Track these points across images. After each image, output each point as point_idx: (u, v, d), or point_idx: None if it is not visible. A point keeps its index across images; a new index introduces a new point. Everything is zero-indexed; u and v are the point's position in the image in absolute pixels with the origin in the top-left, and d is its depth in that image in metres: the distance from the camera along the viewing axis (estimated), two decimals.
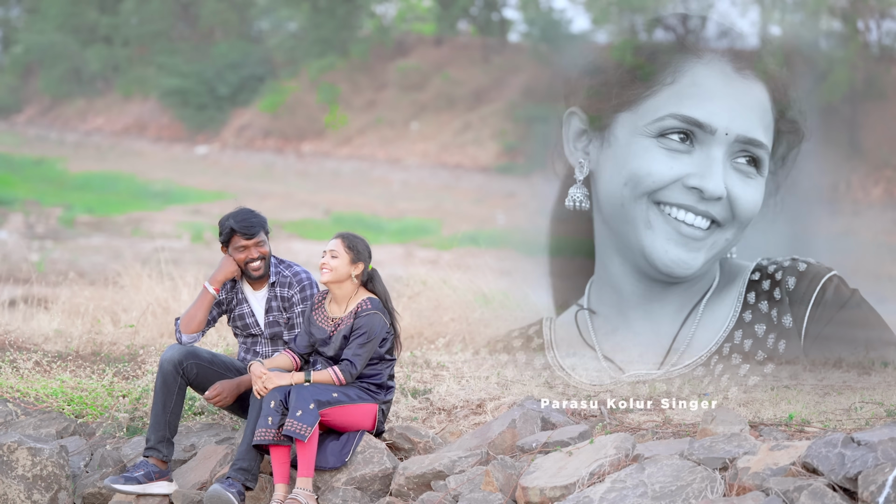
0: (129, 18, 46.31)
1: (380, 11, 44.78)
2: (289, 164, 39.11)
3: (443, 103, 38.74)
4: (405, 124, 38.99)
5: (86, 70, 46.52)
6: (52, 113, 47.28)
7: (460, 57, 40.37)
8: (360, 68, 41.26)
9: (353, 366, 5.99)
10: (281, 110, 41.13)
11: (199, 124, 42.55)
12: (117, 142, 43.43)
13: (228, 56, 42.87)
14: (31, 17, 48.61)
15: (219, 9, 44.63)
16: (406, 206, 31.29)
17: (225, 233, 6.30)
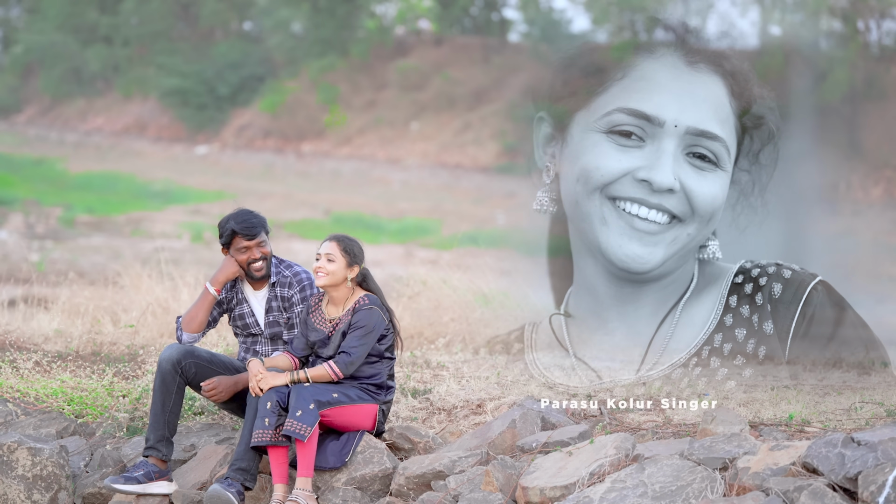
0: (129, 18, 46.31)
1: (380, 11, 44.77)
2: (289, 164, 39.11)
3: (443, 103, 38.73)
4: (405, 124, 38.99)
5: (86, 70, 46.52)
6: (52, 113, 47.28)
7: (460, 57, 40.37)
8: (360, 68, 41.25)
9: (348, 356, 5.96)
10: (281, 110, 41.13)
11: (199, 124, 42.55)
12: (117, 142, 43.43)
13: (228, 56, 42.87)
14: (31, 17, 48.61)
15: (219, 9, 44.63)
16: (406, 206, 31.29)
17: (226, 235, 6.30)
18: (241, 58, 42.87)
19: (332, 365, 5.97)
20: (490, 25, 42.03)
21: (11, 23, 51.57)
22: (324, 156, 39.21)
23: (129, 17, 46.34)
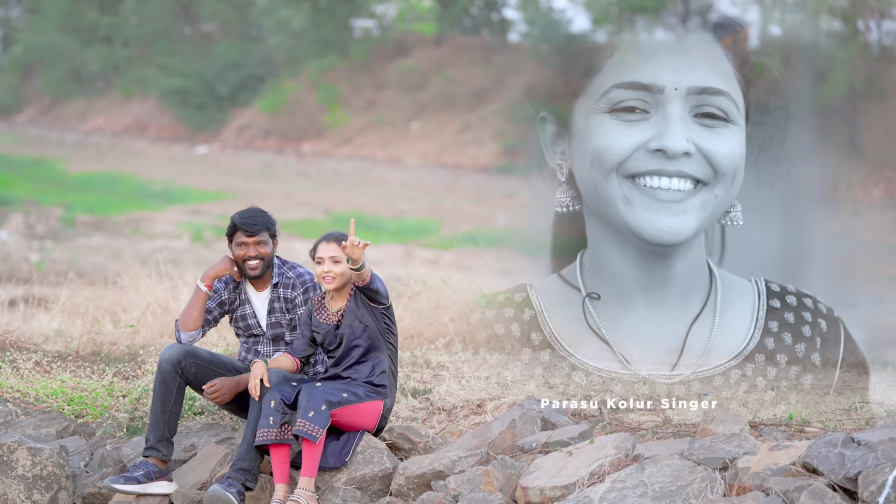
0: (129, 18, 46.33)
1: (380, 11, 44.79)
2: (289, 164, 39.12)
3: (443, 103, 38.75)
4: (405, 124, 38.99)
5: (86, 70, 46.53)
6: (52, 113, 47.30)
7: (460, 57, 40.38)
8: (360, 68, 41.27)
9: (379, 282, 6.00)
10: (281, 110, 41.15)
11: (199, 124, 42.56)
12: (117, 142, 43.44)
13: (228, 56, 42.88)
14: (31, 17, 48.62)
15: (219, 9, 44.64)
16: (406, 206, 31.29)
17: (229, 227, 6.33)
18: (241, 58, 42.89)
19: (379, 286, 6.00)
20: (490, 25, 42.05)
21: (11, 23, 51.60)
22: (324, 156, 39.23)
23: (129, 17, 46.36)
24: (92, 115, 46.11)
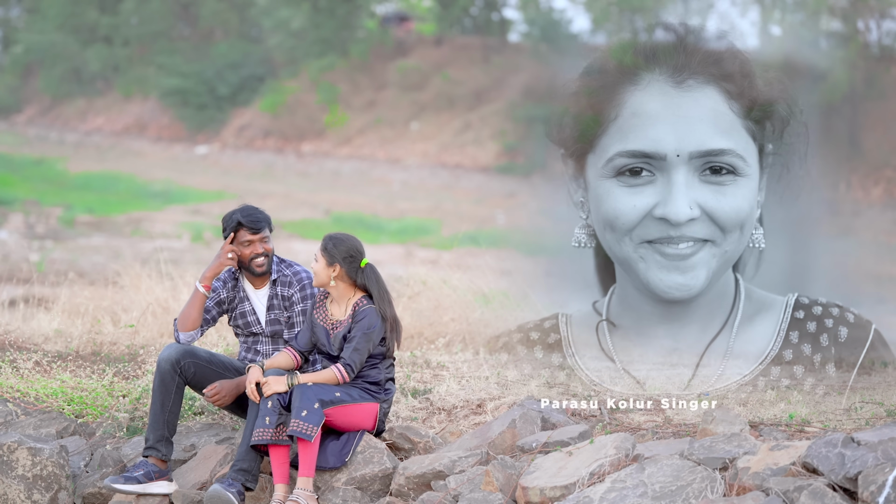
0: (129, 18, 46.36)
1: (380, 11, 44.80)
2: (289, 164, 39.14)
3: (443, 103, 38.78)
4: (405, 124, 39.02)
5: (86, 70, 46.56)
6: (52, 113, 47.32)
7: (460, 57, 40.41)
8: (360, 68, 41.29)
9: (353, 359, 5.99)
10: (281, 110, 41.18)
11: (199, 124, 42.58)
12: (117, 142, 43.47)
13: (228, 56, 42.91)
14: (31, 17, 48.66)
15: (219, 9, 44.65)
16: (406, 206, 31.32)
17: (231, 227, 6.30)
18: (241, 58, 42.91)
19: (340, 369, 5.98)
20: (490, 25, 42.08)
21: (11, 23, 51.64)
22: (324, 156, 39.26)
23: (129, 17, 46.40)
24: (92, 115, 46.14)
